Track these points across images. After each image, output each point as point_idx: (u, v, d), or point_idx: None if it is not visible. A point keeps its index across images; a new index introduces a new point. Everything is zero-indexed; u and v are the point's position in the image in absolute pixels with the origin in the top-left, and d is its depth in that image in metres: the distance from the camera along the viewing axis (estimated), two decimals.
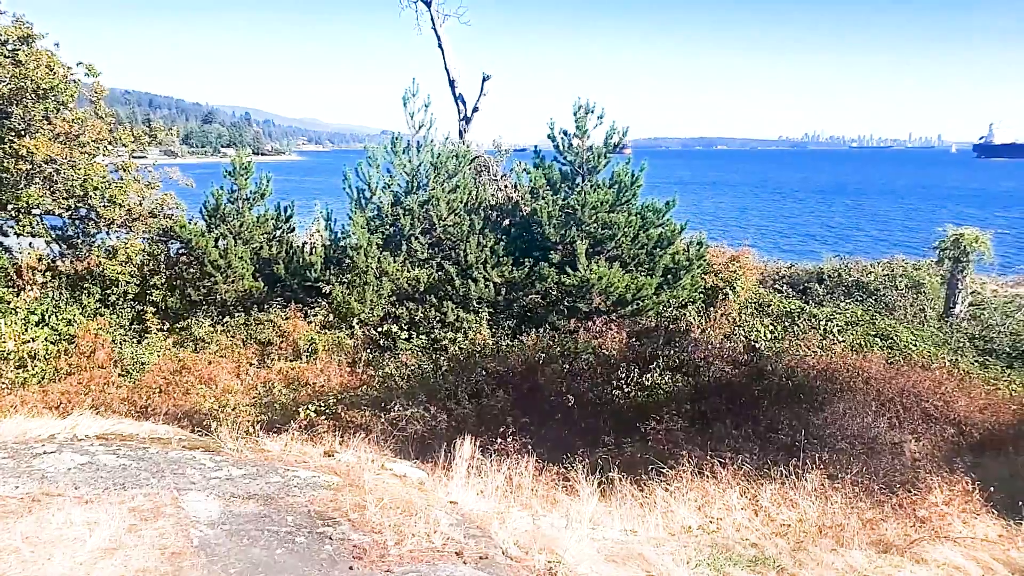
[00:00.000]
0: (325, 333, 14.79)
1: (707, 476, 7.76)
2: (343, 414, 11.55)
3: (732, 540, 5.89)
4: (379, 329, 14.80)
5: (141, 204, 16.99)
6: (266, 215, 17.48)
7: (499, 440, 9.04)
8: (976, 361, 14.45)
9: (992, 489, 8.12)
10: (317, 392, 12.67)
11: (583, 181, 16.61)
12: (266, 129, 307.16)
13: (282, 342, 14.63)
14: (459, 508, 5.77)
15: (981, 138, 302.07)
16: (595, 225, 15.75)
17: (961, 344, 15.48)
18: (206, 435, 7.61)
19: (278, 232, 17.57)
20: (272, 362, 13.98)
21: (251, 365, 13.99)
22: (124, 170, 17.02)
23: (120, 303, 15.60)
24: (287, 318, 14.99)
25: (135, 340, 14.80)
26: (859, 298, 18.58)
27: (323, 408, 11.46)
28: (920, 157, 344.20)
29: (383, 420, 11.25)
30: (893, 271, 20.48)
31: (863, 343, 13.87)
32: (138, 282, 15.99)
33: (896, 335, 14.76)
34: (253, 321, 15.18)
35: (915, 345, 14.38)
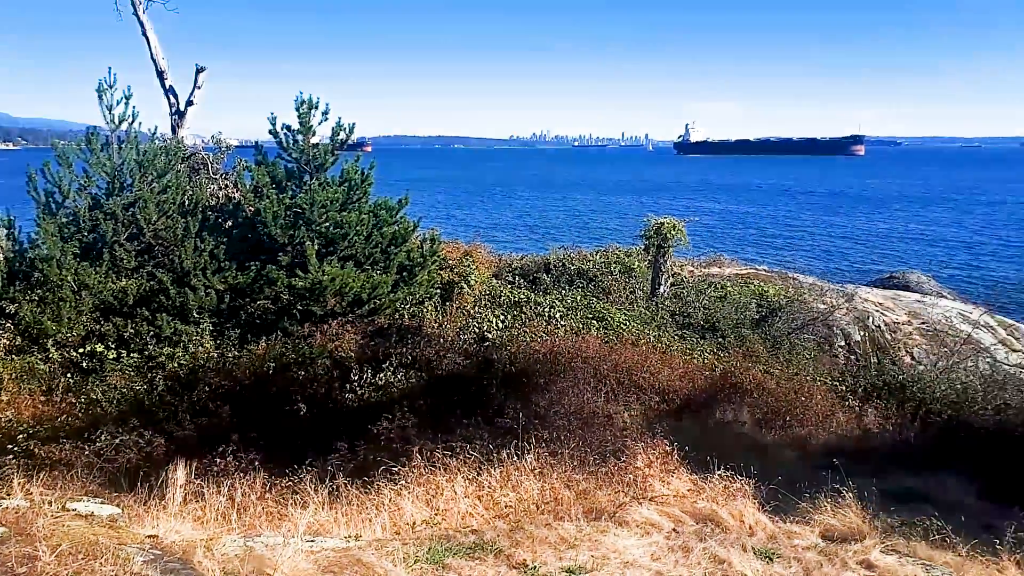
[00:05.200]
0: (12, 360, 12.73)
1: (438, 469, 7.85)
2: (37, 450, 10.10)
3: (454, 529, 6.00)
4: (81, 350, 13.07)
5: None
6: None
7: (220, 460, 8.41)
8: (676, 335, 16.24)
9: (687, 448, 9.17)
10: (2, 429, 10.92)
11: (311, 179, 16.01)
12: None
13: None
14: (160, 541, 5.22)
15: (680, 137, 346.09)
16: (326, 224, 15.28)
17: (664, 321, 17.27)
18: None
19: None
20: None
21: None
22: None
23: None
24: None
25: None
26: (580, 284, 20.02)
27: (10, 446, 9.91)
28: (629, 155, 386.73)
29: (88, 452, 10.01)
30: (608, 258, 22.34)
31: (582, 326, 14.99)
32: None
33: (610, 316, 16.16)
34: None
35: (626, 324, 15.86)
